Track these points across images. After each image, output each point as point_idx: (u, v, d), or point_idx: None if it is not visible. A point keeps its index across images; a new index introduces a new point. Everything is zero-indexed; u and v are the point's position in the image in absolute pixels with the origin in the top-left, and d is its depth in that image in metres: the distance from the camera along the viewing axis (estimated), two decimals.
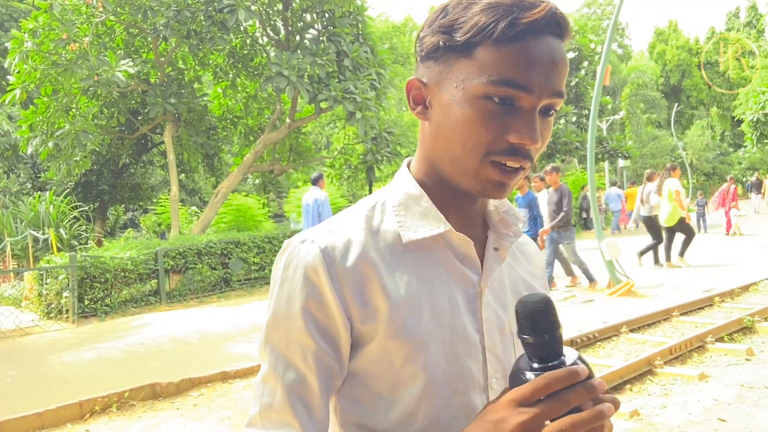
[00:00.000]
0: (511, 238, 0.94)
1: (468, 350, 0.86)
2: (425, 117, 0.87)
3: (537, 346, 0.73)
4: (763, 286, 8.65)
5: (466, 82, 0.80)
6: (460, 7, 0.81)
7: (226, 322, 8.58)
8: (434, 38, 0.82)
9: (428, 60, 0.85)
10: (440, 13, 0.83)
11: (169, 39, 13.12)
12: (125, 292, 10.20)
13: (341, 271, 0.82)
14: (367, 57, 14.04)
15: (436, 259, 0.87)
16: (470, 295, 0.88)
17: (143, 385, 5.21)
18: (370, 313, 0.82)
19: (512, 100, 0.79)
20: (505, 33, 0.76)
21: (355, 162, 17.76)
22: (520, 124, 0.79)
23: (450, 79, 0.82)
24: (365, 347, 0.83)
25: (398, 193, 0.91)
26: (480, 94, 0.79)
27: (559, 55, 0.79)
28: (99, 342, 7.75)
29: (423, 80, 0.86)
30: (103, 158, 18.03)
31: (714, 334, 5.96)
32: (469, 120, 0.80)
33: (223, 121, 17.37)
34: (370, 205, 0.91)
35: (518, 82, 0.77)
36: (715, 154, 47.04)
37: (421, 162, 0.91)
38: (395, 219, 0.88)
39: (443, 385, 0.84)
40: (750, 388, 4.68)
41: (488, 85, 0.78)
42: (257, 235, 12.50)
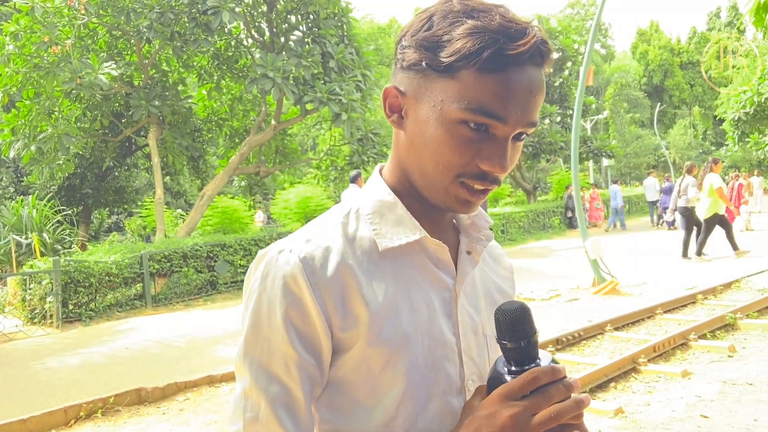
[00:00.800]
0: (483, 242, 0.96)
1: (446, 353, 0.87)
2: (400, 126, 0.88)
3: (515, 351, 0.78)
4: (745, 283, 8.76)
5: (444, 104, 0.80)
6: (446, 22, 0.80)
7: (213, 326, 8.54)
8: (417, 54, 0.82)
9: (408, 71, 0.84)
10: (425, 23, 0.82)
11: (152, 41, 13.04)
12: (110, 297, 10.12)
13: (321, 281, 0.82)
14: (353, 58, 14.04)
15: (413, 264, 0.88)
16: (446, 299, 0.90)
17: (128, 390, 5.18)
18: (351, 321, 0.83)
19: (487, 128, 0.80)
20: (489, 62, 0.77)
21: (342, 163, 17.76)
22: (492, 152, 0.81)
23: (428, 95, 0.82)
24: (345, 355, 0.84)
25: (372, 200, 0.91)
26: (456, 119, 0.80)
27: (537, 86, 0.81)
28: (84, 347, 7.69)
29: (401, 89, 0.86)
30: (87, 161, 17.86)
31: (697, 331, 6.03)
32: (443, 142, 0.81)
33: (208, 123, 17.29)
34: (344, 212, 0.91)
35: (495, 113, 0.79)
36: (697, 153, 47.57)
37: (394, 168, 0.92)
38: (370, 227, 0.88)
39: (422, 389, 0.85)
40: (732, 384, 4.75)
41: (466, 111, 0.79)
42: (243, 237, 12.45)
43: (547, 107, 22.63)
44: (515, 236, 19.48)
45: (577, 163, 9.82)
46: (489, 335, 0.94)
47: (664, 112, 51.72)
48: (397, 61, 0.87)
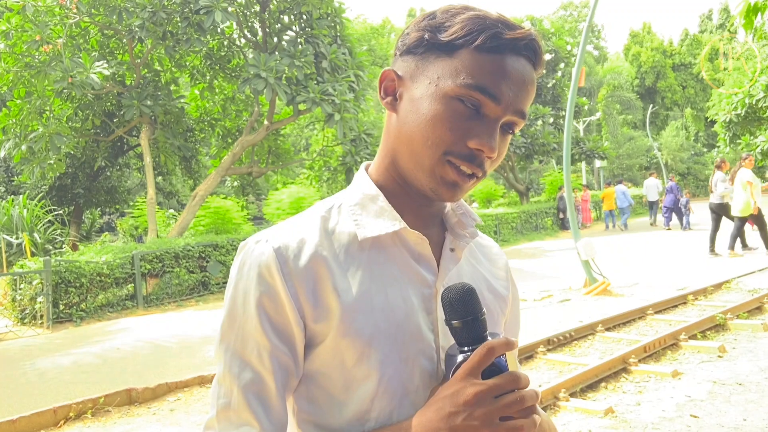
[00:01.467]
0: (466, 239, 0.96)
1: (422, 349, 0.87)
2: (393, 108, 0.90)
3: (463, 330, 0.79)
4: (735, 284, 8.81)
5: (440, 80, 0.83)
6: (449, 13, 0.85)
7: (205, 326, 8.52)
8: (419, 33, 0.86)
9: (407, 54, 0.88)
10: (428, 16, 0.88)
11: (144, 40, 12.99)
12: (101, 297, 10.08)
13: (294, 271, 0.84)
14: (346, 59, 14.04)
15: (391, 258, 0.89)
16: (426, 295, 0.89)
17: (119, 391, 5.16)
18: (323, 312, 0.83)
19: (479, 107, 0.83)
20: (486, 42, 0.82)
21: (335, 164, 17.76)
22: (481, 130, 0.83)
23: (425, 75, 0.85)
24: (318, 347, 0.84)
25: (356, 193, 0.93)
26: (452, 94, 0.83)
27: (529, 78, 0.85)
28: (74, 347, 7.65)
29: (398, 72, 0.89)
30: (78, 161, 17.78)
31: (687, 331, 6.06)
32: (436, 116, 0.83)
33: (201, 123, 17.24)
34: (327, 207, 0.93)
35: (490, 91, 0.82)
36: (689, 155, 47.78)
37: (382, 159, 0.94)
38: (351, 218, 0.90)
39: (396, 384, 0.85)
40: (722, 384, 4.77)
41: (461, 87, 0.82)
42: (236, 237, 12.42)
43: (539, 108, 22.70)
44: (508, 237, 19.52)
45: (570, 164, 9.85)
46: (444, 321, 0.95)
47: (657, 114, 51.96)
48: (397, 50, 0.91)
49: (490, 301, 0.98)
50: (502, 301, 1.02)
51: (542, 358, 5.71)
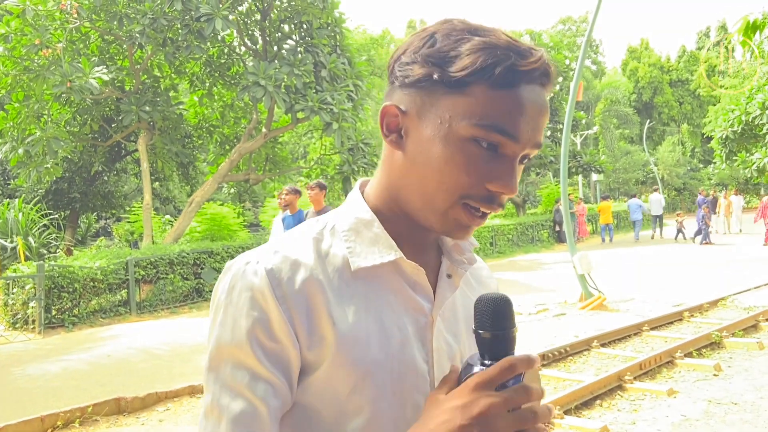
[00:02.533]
0: (464, 265, 0.91)
1: (416, 383, 0.82)
2: (399, 146, 0.83)
3: (491, 342, 0.74)
4: (731, 301, 8.79)
5: (452, 121, 0.77)
6: (451, 39, 0.77)
7: (198, 334, 8.45)
8: (425, 69, 0.78)
9: (410, 88, 0.80)
10: (426, 40, 0.79)
11: (144, 46, 13.00)
12: (94, 303, 10.01)
13: (289, 294, 0.78)
14: (345, 68, 14.06)
15: (387, 286, 0.84)
16: (421, 324, 0.85)
17: (107, 400, 5.10)
18: (317, 340, 0.78)
19: (497, 147, 0.77)
20: (502, 78, 0.75)
21: (332, 172, 17.75)
22: (501, 172, 0.78)
23: (434, 113, 0.78)
24: (310, 376, 0.79)
25: (349, 217, 0.87)
26: (467, 136, 0.76)
27: (545, 105, 0.79)
28: (65, 354, 7.58)
29: (401, 107, 0.81)
30: (75, 165, 17.73)
31: (683, 349, 6.03)
32: (452, 161, 0.77)
33: (199, 130, 17.22)
34: (319, 228, 0.87)
35: (508, 131, 0.76)
36: (685, 170, 47.94)
37: (381, 188, 0.88)
38: (344, 244, 0.84)
39: (388, 419, 0.80)
40: (718, 404, 4.74)
41: (478, 128, 0.76)
42: (231, 245, 12.37)
43: None
44: (504, 249, 19.51)
45: (567, 177, 9.85)
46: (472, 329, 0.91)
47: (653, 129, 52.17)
48: (395, 79, 0.83)
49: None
50: None
51: None
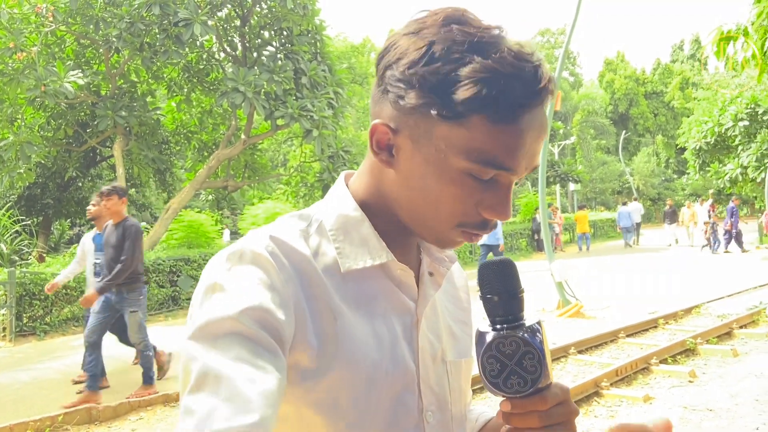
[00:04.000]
0: (446, 263, 0.89)
1: (406, 382, 0.80)
2: (389, 165, 0.79)
3: (501, 304, 0.73)
4: (704, 309, 8.91)
5: (448, 151, 0.72)
6: (451, 57, 0.70)
7: (173, 342, 8.32)
8: (419, 97, 0.72)
9: (404, 108, 0.75)
10: (423, 54, 0.72)
11: (121, 51, 12.87)
12: (66, 310, 9.82)
13: (292, 278, 0.74)
14: (325, 75, 14.06)
15: (376, 286, 0.82)
16: (407, 324, 0.83)
17: (78, 409, 4.98)
18: (319, 329, 0.74)
19: (493, 177, 0.75)
20: (504, 114, 0.70)
21: (312, 180, 17.69)
22: (497, 201, 0.76)
23: (429, 139, 0.74)
24: (308, 367, 0.74)
25: (336, 215, 0.83)
26: (463, 169, 0.73)
27: (544, 125, 0.75)
28: (36, 362, 7.42)
29: (391, 126, 0.77)
30: (49, 171, 17.46)
31: (658, 356, 6.08)
32: (447, 192, 0.75)
33: (177, 136, 17.07)
34: (304, 223, 0.83)
35: (506, 165, 0.73)
36: (660, 180, 48.70)
37: (369, 189, 0.84)
38: (333, 244, 0.81)
39: (381, 418, 0.78)
40: (693, 410, 4.78)
41: (474, 162, 0.72)
42: (208, 252, 12.25)
43: None
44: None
45: (545, 186, 9.93)
46: (449, 361, 0.88)
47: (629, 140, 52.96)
48: (386, 92, 0.76)
49: (457, 329, 0.93)
50: (468, 327, 0.97)
51: None
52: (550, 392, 0.72)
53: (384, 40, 0.84)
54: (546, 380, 0.72)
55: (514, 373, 0.71)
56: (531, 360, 0.71)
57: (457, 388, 0.88)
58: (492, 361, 0.72)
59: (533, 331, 0.72)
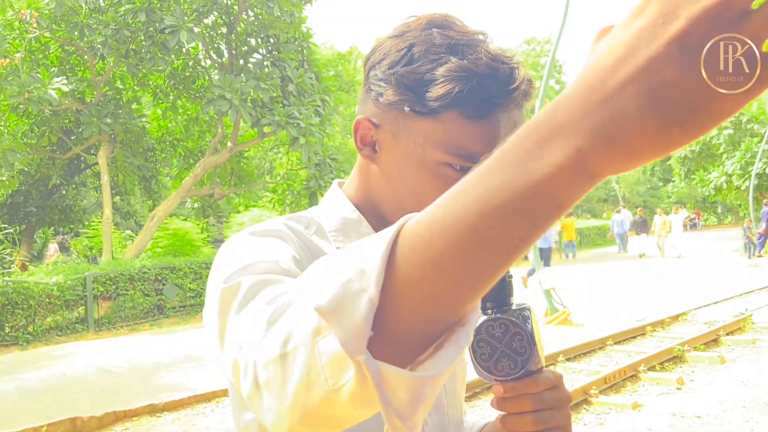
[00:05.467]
0: None
1: None
2: (372, 160, 0.83)
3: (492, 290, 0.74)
4: (691, 316, 8.96)
5: (426, 145, 0.76)
6: (429, 58, 0.74)
7: (158, 351, 8.24)
8: (397, 94, 0.76)
9: (385, 105, 0.79)
10: (403, 55, 0.76)
11: (106, 58, 12.77)
12: (50, 320, 9.68)
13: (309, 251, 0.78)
14: (312, 83, 14.04)
15: None
16: None
17: (62, 420, 4.89)
18: None
19: (471, 168, 0.75)
20: (477, 110, 0.74)
21: (298, 188, 17.64)
22: None
23: (407, 134, 0.78)
24: None
25: (334, 217, 0.86)
26: (440, 161, 0.76)
27: (520, 122, 0.78)
28: (19, 372, 7.30)
29: (374, 121, 0.81)
30: (32, 178, 17.28)
31: (646, 363, 6.09)
32: (425, 183, 0.78)
33: (162, 143, 16.96)
34: (303, 224, 0.84)
35: (481, 158, 0.73)
36: (646, 188, 49.12)
37: (360, 192, 0.87)
38: (333, 245, 0.83)
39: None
40: (681, 417, 4.79)
41: (451, 155, 0.75)
42: (194, 260, 12.14)
43: None
44: None
45: None
46: None
47: None
48: (369, 91, 0.81)
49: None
50: None
51: None
52: (542, 376, 0.74)
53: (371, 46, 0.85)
54: (537, 363, 0.73)
55: (505, 356, 0.72)
56: (520, 341, 0.72)
57: (452, 391, 0.90)
58: (482, 345, 0.73)
59: (521, 312, 0.74)
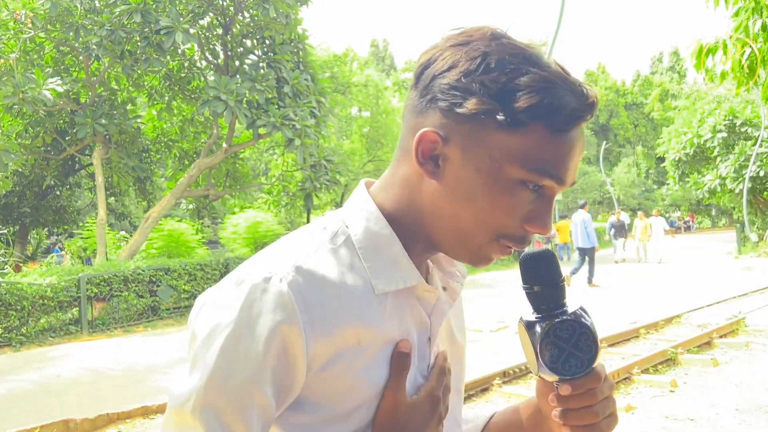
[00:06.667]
0: (459, 278, 0.89)
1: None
2: (434, 175, 0.76)
3: (543, 294, 0.79)
4: (685, 318, 8.98)
5: (503, 160, 0.72)
6: (508, 67, 0.71)
7: (152, 353, 8.22)
8: (483, 103, 0.71)
9: (457, 116, 0.73)
10: (480, 63, 0.72)
11: (101, 58, 12.74)
12: (43, 321, 9.65)
13: (316, 319, 0.72)
14: (308, 84, 14.03)
15: (403, 304, 0.81)
16: (423, 339, 0.83)
17: (55, 422, 4.87)
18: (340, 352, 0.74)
19: (542, 188, 0.75)
20: (564, 123, 0.71)
21: (293, 189, 17.61)
22: (541, 213, 0.76)
23: (482, 147, 0.72)
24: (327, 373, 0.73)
25: (365, 230, 0.80)
26: (518, 178, 0.72)
27: (584, 143, 0.77)
28: (12, 374, 7.27)
29: (441, 134, 0.74)
30: (26, 179, 17.23)
31: (640, 365, 6.11)
32: (497, 201, 0.73)
33: (157, 144, 16.92)
34: (329, 235, 0.79)
35: (559, 175, 0.73)
36: (640, 191, 49.24)
37: (399, 204, 0.81)
38: (364, 263, 0.78)
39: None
40: (674, 419, 4.80)
41: (529, 171, 0.72)
42: (189, 261, 12.12)
43: None
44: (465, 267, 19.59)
45: None
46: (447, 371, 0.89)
47: (610, 150, 53.57)
48: (434, 101, 0.74)
49: (458, 336, 0.95)
50: (464, 334, 0.98)
51: (498, 391, 5.66)
52: (600, 369, 0.79)
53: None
54: (599, 359, 0.78)
55: (572, 356, 0.76)
56: (587, 341, 0.77)
57: (454, 390, 0.91)
58: (550, 347, 0.76)
59: (584, 314, 0.79)
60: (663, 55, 64.35)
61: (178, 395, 0.71)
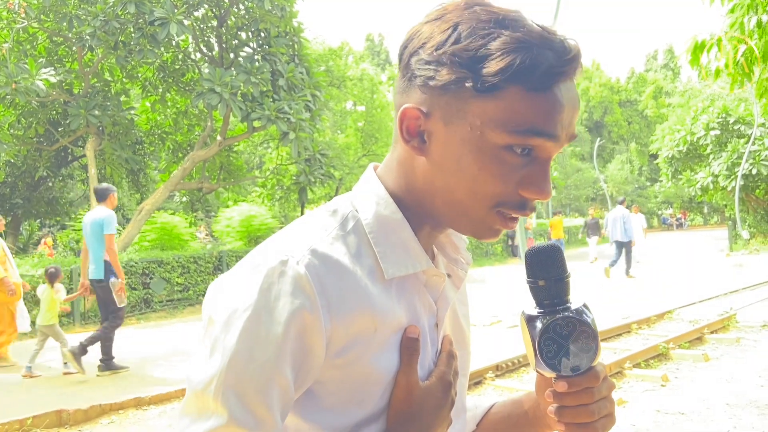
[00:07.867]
0: (463, 266, 0.89)
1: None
2: (421, 152, 0.76)
3: (548, 288, 0.78)
4: (676, 314, 9.04)
5: (485, 127, 0.70)
6: (478, 35, 0.70)
7: (145, 345, 8.21)
8: (453, 73, 0.70)
9: (433, 89, 0.73)
10: (449, 34, 0.71)
11: (95, 49, 12.66)
12: (34, 313, 9.58)
13: (333, 303, 0.71)
14: (303, 78, 14.00)
15: (412, 289, 0.81)
16: (431, 325, 0.83)
17: (48, 412, 4.86)
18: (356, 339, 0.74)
19: (531, 151, 0.73)
20: (540, 81, 0.69)
21: (288, 183, 17.61)
22: (536, 177, 0.73)
23: (462, 118, 0.71)
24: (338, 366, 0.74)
25: (375, 215, 0.79)
26: (502, 144, 0.71)
27: (578, 97, 0.75)
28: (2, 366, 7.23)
29: (422, 109, 0.74)
30: (18, 170, 17.14)
31: (632, 360, 6.15)
32: (485, 170, 0.72)
33: (151, 136, 16.85)
34: (339, 220, 0.79)
35: (548, 131, 0.71)
36: (633, 187, 49.46)
37: (401, 187, 0.81)
38: (375, 247, 0.77)
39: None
40: (665, 413, 4.83)
41: (514, 134, 0.70)
42: (182, 254, 12.09)
43: None
44: None
45: None
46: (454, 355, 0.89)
47: (603, 147, 53.72)
48: (413, 78, 0.74)
49: (463, 323, 0.95)
50: (468, 320, 0.99)
51: (491, 384, 5.69)
52: (599, 368, 0.77)
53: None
54: (599, 357, 0.77)
55: (571, 353, 0.75)
56: (586, 339, 0.75)
57: (461, 375, 0.91)
58: (549, 343, 0.75)
59: (585, 311, 0.77)
60: (658, 53, 64.52)
61: (198, 381, 0.70)
